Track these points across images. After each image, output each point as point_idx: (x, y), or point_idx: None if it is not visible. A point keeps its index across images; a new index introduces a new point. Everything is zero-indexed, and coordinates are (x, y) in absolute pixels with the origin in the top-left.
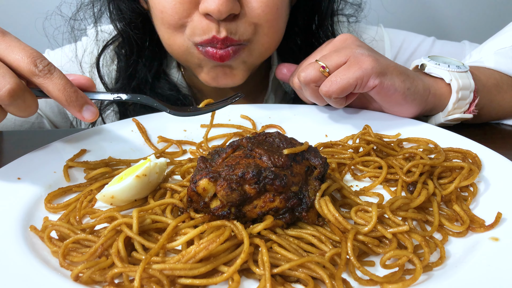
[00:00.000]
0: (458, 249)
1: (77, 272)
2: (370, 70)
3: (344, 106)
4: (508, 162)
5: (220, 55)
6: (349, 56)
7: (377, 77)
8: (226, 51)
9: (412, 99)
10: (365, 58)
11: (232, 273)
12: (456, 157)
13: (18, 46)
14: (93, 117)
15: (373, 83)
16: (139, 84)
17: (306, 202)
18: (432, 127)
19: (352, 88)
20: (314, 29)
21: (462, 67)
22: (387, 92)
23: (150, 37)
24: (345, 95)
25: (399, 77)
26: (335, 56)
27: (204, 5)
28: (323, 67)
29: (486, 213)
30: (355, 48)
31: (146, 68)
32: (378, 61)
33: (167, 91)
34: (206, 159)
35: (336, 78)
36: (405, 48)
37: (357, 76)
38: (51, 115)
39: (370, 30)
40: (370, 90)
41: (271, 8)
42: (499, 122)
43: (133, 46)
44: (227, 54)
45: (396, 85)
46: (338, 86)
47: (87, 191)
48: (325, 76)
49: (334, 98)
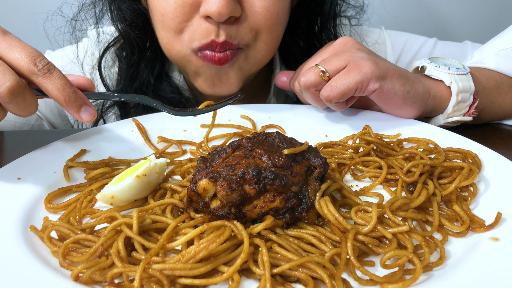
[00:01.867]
0: (458, 249)
1: (77, 272)
2: (370, 74)
3: (344, 109)
4: (508, 162)
5: (219, 58)
6: (348, 60)
7: (377, 81)
8: (224, 54)
9: (412, 102)
10: (364, 62)
11: (232, 273)
12: (456, 157)
13: (18, 45)
14: (91, 118)
15: (373, 87)
16: (141, 86)
17: (306, 202)
18: (432, 127)
19: (352, 93)
20: (317, 31)
21: (463, 69)
22: (387, 95)
23: (151, 38)
24: (346, 99)
25: (399, 80)
26: (335, 60)
27: (205, 7)
28: (323, 72)
29: (486, 213)
30: (354, 52)
31: (148, 70)
32: (378, 64)
33: (169, 93)
34: (206, 159)
35: (336, 83)
36: (407, 51)
37: (357, 81)
38: (51, 117)
39: (372, 33)
40: (370, 94)
41: (272, 14)
42: (499, 122)
43: (134, 47)
44: (225, 57)
45: (396, 88)
46: (339, 91)
47: (87, 191)
48: (325, 81)
49: (334, 103)
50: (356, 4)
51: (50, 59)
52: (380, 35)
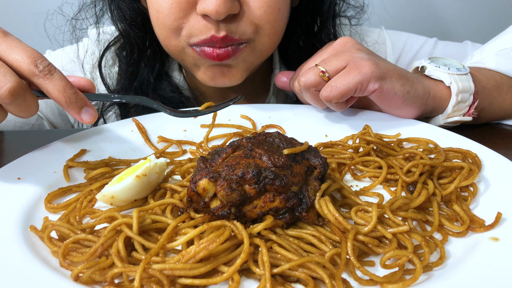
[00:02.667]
0: (458, 249)
1: (77, 272)
2: (369, 74)
3: (344, 109)
4: (508, 162)
5: (218, 54)
6: (348, 61)
7: (377, 81)
8: (225, 50)
9: (411, 102)
10: (364, 62)
11: (232, 273)
12: (456, 157)
13: (19, 46)
14: (91, 120)
15: (373, 87)
16: (141, 85)
17: (306, 202)
18: (432, 127)
19: (352, 93)
20: (316, 31)
21: (462, 70)
22: (386, 96)
23: (151, 37)
24: (346, 99)
25: (399, 80)
26: (334, 60)
27: (202, 6)
28: (323, 72)
29: (486, 213)
30: (354, 52)
31: (148, 69)
32: (378, 65)
33: (169, 92)
34: (206, 159)
35: (336, 83)
36: (407, 51)
37: (356, 81)
38: (51, 116)
39: (372, 33)
40: (370, 94)
41: (273, 9)
42: (499, 122)
43: (134, 46)
44: (226, 53)
45: (395, 88)
46: (338, 91)
47: (87, 191)
48: (325, 81)
49: (334, 103)
50: (356, 4)
51: (50, 59)
52: (380, 35)
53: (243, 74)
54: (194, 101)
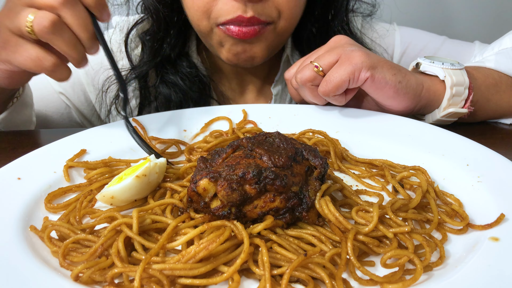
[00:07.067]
0: (458, 249)
1: (77, 272)
2: (360, 64)
3: (345, 103)
4: (508, 162)
5: (244, 32)
6: (340, 54)
7: (368, 70)
8: (251, 29)
9: (404, 92)
10: (355, 53)
11: (232, 273)
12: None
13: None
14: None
15: (365, 75)
16: (162, 61)
17: (307, 202)
18: (433, 127)
19: (346, 84)
20: (330, 19)
21: (457, 65)
22: (378, 85)
23: (178, 16)
24: (343, 92)
25: (390, 70)
26: (327, 55)
27: None
28: (317, 67)
29: (486, 213)
30: (346, 47)
31: (170, 47)
32: (369, 55)
33: (186, 68)
34: (206, 159)
35: (330, 77)
36: (414, 44)
37: (348, 72)
38: (78, 103)
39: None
40: (363, 84)
41: None
42: (497, 121)
43: (162, 24)
44: (253, 31)
45: (387, 78)
46: (333, 84)
47: (87, 191)
48: (320, 76)
49: (332, 96)
50: (368, 0)
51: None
52: (390, 28)
53: (264, 54)
54: (208, 79)
